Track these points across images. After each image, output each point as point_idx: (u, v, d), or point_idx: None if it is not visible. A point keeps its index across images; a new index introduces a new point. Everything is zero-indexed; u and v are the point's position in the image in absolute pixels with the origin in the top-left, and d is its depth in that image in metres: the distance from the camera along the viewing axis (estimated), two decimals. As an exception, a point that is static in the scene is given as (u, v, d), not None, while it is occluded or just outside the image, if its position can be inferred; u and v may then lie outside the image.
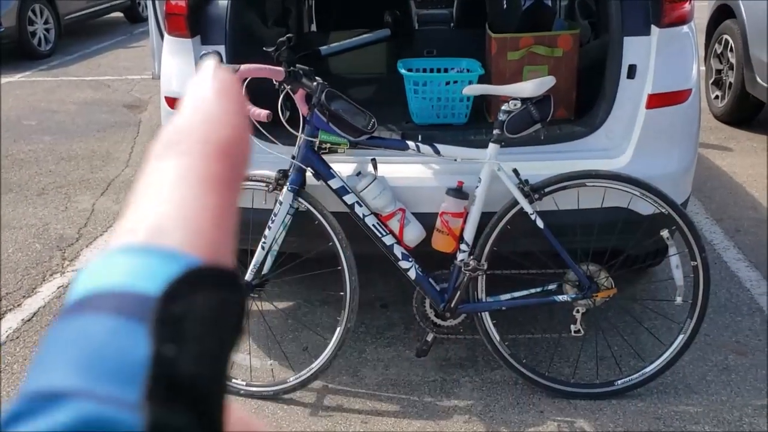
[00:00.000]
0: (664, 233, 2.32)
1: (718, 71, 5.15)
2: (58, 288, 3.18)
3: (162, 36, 3.37)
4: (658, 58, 2.35)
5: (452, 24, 4.18)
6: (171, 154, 0.27)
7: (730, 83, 4.93)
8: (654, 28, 2.36)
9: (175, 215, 0.26)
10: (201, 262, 0.24)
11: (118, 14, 10.20)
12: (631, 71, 2.38)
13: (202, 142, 0.27)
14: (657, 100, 2.36)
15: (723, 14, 5.06)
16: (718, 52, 5.13)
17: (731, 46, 4.91)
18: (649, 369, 2.39)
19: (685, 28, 2.38)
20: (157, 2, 3.60)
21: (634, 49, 2.38)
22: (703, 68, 5.23)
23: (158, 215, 0.26)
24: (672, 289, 2.42)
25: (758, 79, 4.52)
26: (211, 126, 0.28)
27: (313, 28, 4.32)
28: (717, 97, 5.15)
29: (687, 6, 2.37)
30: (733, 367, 2.55)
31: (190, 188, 0.26)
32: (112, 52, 8.38)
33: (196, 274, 0.24)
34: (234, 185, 0.28)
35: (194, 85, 0.30)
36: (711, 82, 5.25)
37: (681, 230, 2.29)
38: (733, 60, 4.88)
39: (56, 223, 3.83)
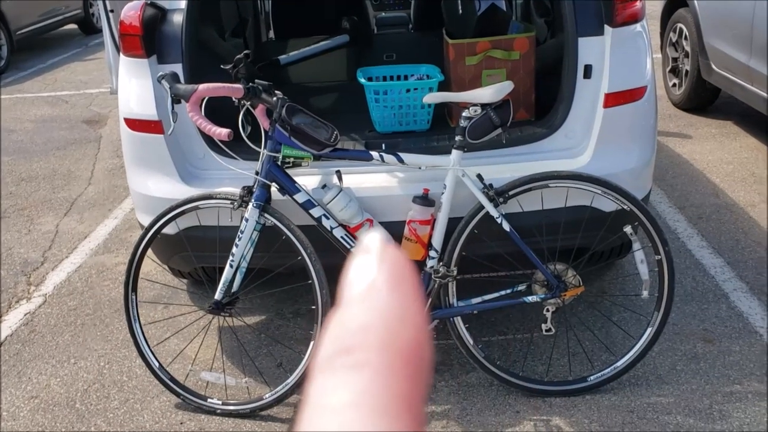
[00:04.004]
0: (627, 229, 2.36)
1: (674, 59, 5.24)
2: (24, 315, 3.13)
3: (119, 50, 3.33)
4: (613, 58, 2.39)
5: (410, 26, 4.19)
6: (344, 366, 0.22)
7: (687, 71, 5.02)
8: (607, 28, 2.39)
9: None
10: None
11: (72, 26, 10.02)
12: (587, 71, 2.42)
13: (383, 349, 0.22)
14: (614, 99, 2.40)
15: (676, 3, 5.15)
16: (674, 40, 5.22)
17: (686, 35, 5.00)
18: (620, 363, 2.43)
19: (637, 26, 2.42)
20: (111, 15, 3.55)
21: (589, 49, 2.41)
22: (658, 56, 5.32)
23: None
24: (638, 283, 2.46)
25: (713, 66, 4.61)
26: (390, 326, 0.23)
27: (271, 35, 4.30)
28: (674, 84, 5.25)
29: (638, 5, 2.41)
30: (701, 355, 2.60)
31: (374, 417, 0.21)
32: (68, 65, 8.24)
33: None
34: (419, 406, 0.22)
35: (362, 270, 0.24)
36: (668, 70, 5.34)
37: (643, 225, 2.33)
38: (688, 48, 4.97)
39: (20, 247, 3.77)
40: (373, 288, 0.24)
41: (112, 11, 3.55)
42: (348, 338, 0.23)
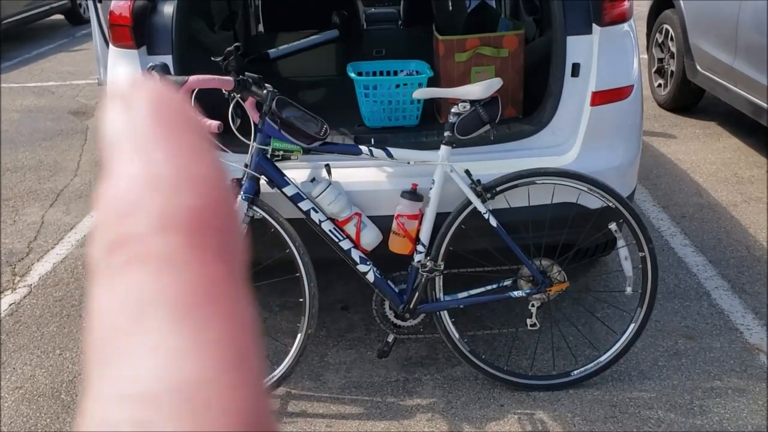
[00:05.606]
0: (612, 226, 2.39)
1: (660, 60, 5.29)
2: (9, 305, 3.12)
3: (107, 41, 3.32)
4: (601, 56, 2.42)
5: (400, 22, 4.21)
6: (120, 266, 0.16)
7: (672, 71, 5.07)
8: (595, 27, 2.42)
9: (165, 376, 0.16)
10: None
11: (59, 16, 9.93)
12: (575, 70, 2.44)
13: (164, 228, 0.16)
14: (601, 98, 2.42)
15: (662, 4, 5.20)
16: (659, 41, 5.27)
17: (671, 36, 5.05)
18: (603, 358, 2.46)
19: (625, 26, 2.45)
20: (99, 5, 3.54)
21: (577, 48, 2.44)
22: (644, 57, 5.37)
23: (143, 390, 0.15)
24: (622, 280, 2.49)
25: (698, 67, 4.66)
26: (169, 192, 0.16)
27: (261, 29, 4.29)
28: (660, 85, 5.30)
29: (626, 4, 2.44)
30: (683, 351, 2.64)
31: (173, 322, 0.16)
32: (55, 56, 8.17)
33: None
34: (233, 277, 0.17)
35: (117, 119, 0.17)
36: (653, 70, 5.39)
37: (628, 222, 2.36)
38: (673, 49, 5.02)
39: (5, 238, 3.74)
40: (135, 140, 0.16)
41: (100, 2, 3.53)
42: (119, 223, 0.16)
